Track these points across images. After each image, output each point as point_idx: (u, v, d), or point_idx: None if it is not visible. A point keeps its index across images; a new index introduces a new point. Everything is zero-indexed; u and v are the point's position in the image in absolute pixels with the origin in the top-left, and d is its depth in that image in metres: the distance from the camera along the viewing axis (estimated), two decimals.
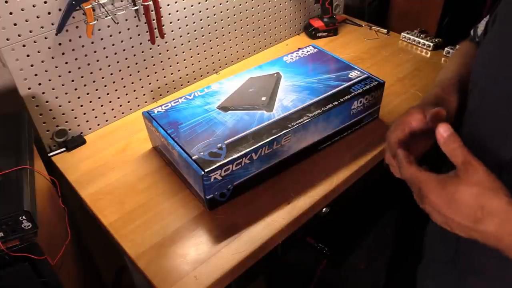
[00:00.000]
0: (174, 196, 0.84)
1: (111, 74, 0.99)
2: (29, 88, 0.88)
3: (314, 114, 0.86)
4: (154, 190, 0.85)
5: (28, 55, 0.85)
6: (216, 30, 1.15)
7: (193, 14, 1.08)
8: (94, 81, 0.97)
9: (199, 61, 1.16)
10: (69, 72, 0.92)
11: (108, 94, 1.01)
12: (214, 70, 1.21)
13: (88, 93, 0.97)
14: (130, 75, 1.03)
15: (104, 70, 0.98)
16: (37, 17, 0.83)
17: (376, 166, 0.95)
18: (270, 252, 0.78)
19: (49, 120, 0.94)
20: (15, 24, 0.81)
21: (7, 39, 0.81)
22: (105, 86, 1.00)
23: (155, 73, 1.08)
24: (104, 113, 1.03)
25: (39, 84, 0.89)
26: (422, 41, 1.27)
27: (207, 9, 1.10)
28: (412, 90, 1.09)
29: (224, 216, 0.79)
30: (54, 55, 0.88)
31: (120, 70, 1.00)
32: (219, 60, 1.21)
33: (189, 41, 1.10)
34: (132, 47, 1.00)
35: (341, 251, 1.17)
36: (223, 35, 1.17)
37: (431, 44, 1.25)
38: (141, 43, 1.01)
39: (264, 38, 1.29)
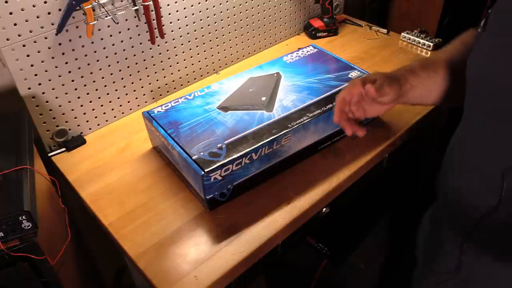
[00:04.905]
0: (174, 196, 0.84)
1: (111, 74, 0.99)
2: (29, 88, 0.88)
3: (314, 114, 0.85)
4: (154, 190, 0.85)
5: (28, 55, 0.85)
6: (216, 30, 1.15)
7: (193, 14, 1.08)
8: (94, 81, 0.97)
9: (199, 61, 1.16)
10: (69, 72, 0.92)
11: (108, 94, 1.01)
12: (214, 70, 1.21)
13: (88, 93, 0.97)
14: (130, 75, 1.03)
15: (104, 70, 0.98)
16: (37, 17, 0.83)
17: (376, 166, 0.95)
18: (270, 252, 0.78)
19: (49, 120, 0.94)
20: (15, 24, 0.81)
21: (7, 39, 0.81)
22: (105, 86, 1.00)
23: (155, 73, 1.08)
24: (104, 113, 1.03)
25: (39, 84, 0.89)
26: (422, 41, 1.27)
27: (207, 9, 1.10)
28: None
29: (224, 216, 0.79)
30: (54, 55, 0.88)
31: (120, 70, 1.00)
32: (219, 60, 1.21)
33: (189, 41, 1.10)
34: (132, 47, 1.00)
35: (341, 251, 1.17)
36: (223, 35, 1.17)
37: (431, 44, 1.25)
38: (141, 43, 1.01)
39: (264, 38, 1.29)
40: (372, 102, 0.69)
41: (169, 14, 1.03)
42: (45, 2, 0.83)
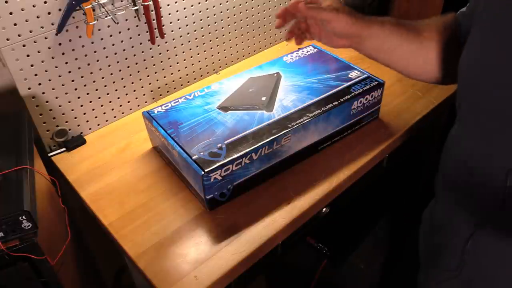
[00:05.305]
0: (174, 196, 0.84)
1: (111, 74, 0.99)
2: (29, 88, 0.88)
3: (314, 114, 0.86)
4: (154, 190, 0.85)
5: (28, 55, 0.85)
6: (216, 30, 1.15)
7: (193, 14, 1.08)
8: (94, 81, 0.97)
9: (199, 61, 1.16)
10: (69, 72, 0.92)
11: (108, 94, 1.01)
12: (214, 70, 1.21)
13: (88, 93, 0.97)
14: (130, 75, 1.03)
15: (104, 70, 0.98)
16: (37, 17, 0.83)
17: (376, 166, 0.95)
18: (270, 252, 0.78)
19: (49, 120, 0.94)
20: (15, 24, 0.81)
21: (7, 39, 0.81)
22: (105, 86, 1.00)
23: (155, 73, 1.08)
24: (104, 113, 1.03)
25: (39, 84, 0.89)
26: None
27: (207, 9, 1.10)
28: (412, 90, 1.09)
29: (224, 216, 0.79)
30: (54, 55, 0.88)
31: (120, 70, 1.00)
32: (219, 60, 1.21)
33: (189, 41, 1.10)
34: (132, 47, 1.00)
35: (341, 251, 1.17)
36: (223, 35, 1.17)
37: None
38: (141, 43, 1.01)
39: (264, 38, 1.29)
40: (323, 23, 0.72)
41: (169, 14, 1.03)
42: (45, 2, 0.83)
